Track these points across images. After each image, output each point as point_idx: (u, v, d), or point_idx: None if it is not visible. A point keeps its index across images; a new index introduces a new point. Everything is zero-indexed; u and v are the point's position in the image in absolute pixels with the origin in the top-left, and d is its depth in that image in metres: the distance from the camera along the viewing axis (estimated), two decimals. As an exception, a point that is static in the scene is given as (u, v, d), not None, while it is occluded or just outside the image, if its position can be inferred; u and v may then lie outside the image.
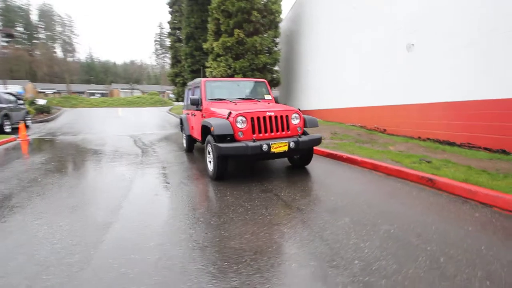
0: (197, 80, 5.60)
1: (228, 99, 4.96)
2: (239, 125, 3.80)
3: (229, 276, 1.76)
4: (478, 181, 3.29)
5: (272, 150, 3.75)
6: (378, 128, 7.45)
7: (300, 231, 2.36)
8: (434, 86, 5.61)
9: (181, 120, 6.87)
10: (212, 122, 3.82)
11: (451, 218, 2.54)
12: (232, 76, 12.93)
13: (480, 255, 1.92)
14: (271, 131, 3.98)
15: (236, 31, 12.08)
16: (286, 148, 3.88)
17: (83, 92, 50.04)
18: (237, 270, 1.82)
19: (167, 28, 21.02)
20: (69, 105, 27.58)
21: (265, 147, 3.68)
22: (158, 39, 66.67)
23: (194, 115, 5.46)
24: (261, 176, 4.24)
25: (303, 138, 4.09)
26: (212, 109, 4.51)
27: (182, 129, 6.99)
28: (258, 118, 3.91)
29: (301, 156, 4.56)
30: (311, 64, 12.33)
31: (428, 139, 5.79)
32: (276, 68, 13.53)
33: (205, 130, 4.33)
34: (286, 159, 5.10)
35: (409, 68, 6.25)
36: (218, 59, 12.92)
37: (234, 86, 5.38)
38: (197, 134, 5.31)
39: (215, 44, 12.67)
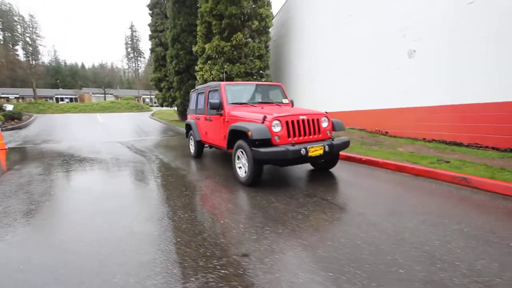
0: (212, 83, 5.43)
1: (249, 103, 4.86)
2: (275, 129, 3.72)
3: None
4: (505, 178, 3.52)
5: (310, 154, 3.71)
6: (379, 130, 7.73)
7: (378, 235, 2.33)
8: (438, 90, 5.95)
9: (188, 125, 6.61)
10: (249, 126, 3.70)
11: (506, 214, 2.67)
12: (226, 79, 12.79)
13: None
14: (304, 134, 3.95)
15: (238, 34, 11.97)
16: (321, 152, 3.87)
17: (50, 97, 46.68)
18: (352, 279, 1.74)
19: (140, 31, 20.21)
20: (36, 110, 25.62)
21: (303, 151, 3.63)
22: (130, 42, 64.23)
23: (210, 120, 5.27)
24: (290, 180, 4.18)
25: (336, 141, 4.11)
26: (239, 113, 4.38)
27: (188, 134, 6.73)
28: (292, 121, 3.86)
29: (327, 159, 4.57)
30: (302, 69, 12.54)
31: (434, 140, 6.11)
32: (266, 72, 13.60)
33: (235, 135, 4.19)
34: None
35: (411, 72, 6.58)
36: (209, 62, 12.72)
37: (253, 90, 5.29)
38: (216, 140, 5.12)
39: (207, 46, 12.45)
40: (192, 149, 6.61)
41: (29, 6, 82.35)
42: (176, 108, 19.92)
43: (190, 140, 6.69)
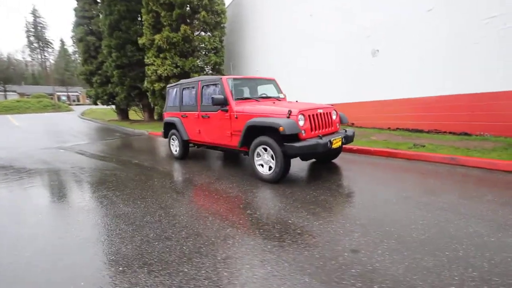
0: (205, 77, 5.00)
1: (252, 98, 4.69)
2: (301, 123, 3.70)
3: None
4: (478, 156, 4.35)
5: (333, 146, 3.83)
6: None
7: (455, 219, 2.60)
8: (401, 84, 6.86)
9: (170, 124, 5.96)
10: (278, 121, 3.58)
11: (494, 180, 3.30)
12: (181, 75, 11.94)
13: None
14: (322, 127, 4.05)
15: (183, 27, 11.21)
16: (340, 143, 4.04)
17: None
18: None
19: (46, 17, 16.85)
20: None
21: (329, 143, 3.73)
22: (33, 30, 53.40)
23: (208, 117, 4.87)
24: (304, 173, 4.25)
25: (349, 132, 4.35)
26: (250, 108, 4.17)
27: (169, 134, 6.07)
28: (313, 115, 3.91)
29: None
30: (259, 66, 12.67)
31: (398, 128, 7.03)
32: (222, 68, 13.26)
33: (253, 131, 3.99)
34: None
35: (376, 70, 7.40)
36: (162, 55, 11.67)
37: (250, 84, 5.10)
38: (217, 138, 4.75)
39: (157, 37, 11.36)
40: (174, 149, 6.01)
41: None
42: (114, 107, 17.66)
43: (172, 141, 6.06)
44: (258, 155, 3.97)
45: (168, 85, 6.22)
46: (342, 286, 1.67)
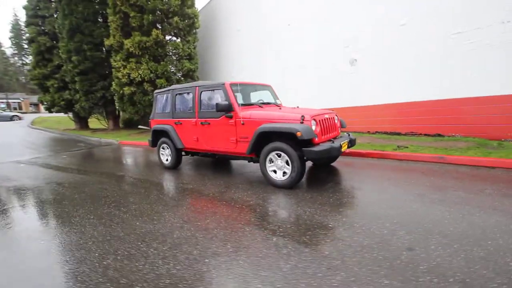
0: (204, 82, 4.82)
1: (255, 104, 4.65)
2: (313, 128, 3.77)
3: None
4: (458, 154, 4.86)
5: (342, 149, 3.97)
6: (327, 127, 8.83)
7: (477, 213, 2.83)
8: (378, 92, 7.40)
9: (161, 132, 5.60)
10: (294, 126, 3.58)
11: (485, 176, 3.72)
12: (154, 80, 11.35)
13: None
14: (329, 132, 4.17)
15: (155, 31, 10.72)
16: (346, 147, 4.20)
17: None
18: None
19: None
20: None
21: (340, 147, 3.85)
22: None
23: (208, 124, 4.68)
24: (312, 178, 4.32)
25: (352, 136, 4.54)
26: (258, 113, 4.12)
27: (159, 143, 5.69)
28: (322, 120, 4.01)
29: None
30: (235, 72, 12.65)
31: (377, 132, 7.55)
32: (196, 74, 12.95)
33: (264, 137, 3.93)
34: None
35: (354, 78, 7.89)
36: (132, 59, 10.99)
37: (250, 90, 5.05)
38: (219, 145, 4.57)
39: (127, 42, 10.69)
40: (165, 159, 5.65)
41: None
42: (71, 114, 16.04)
43: (163, 149, 5.68)
44: (271, 161, 3.92)
45: (156, 91, 5.86)
46: (421, 283, 1.71)
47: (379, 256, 2.03)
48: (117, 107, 12.79)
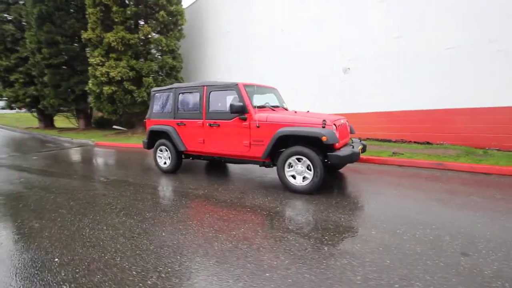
0: (213, 82, 4.58)
1: (266, 107, 4.52)
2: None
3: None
4: (451, 161, 5.18)
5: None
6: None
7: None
8: (371, 100, 7.68)
9: (160, 133, 5.21)
10: (319, 131, 3.52)
11: (486, 181, 3.98)
12: (136, 78, 10.68)
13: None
14: (344, 137, 4.18)
15: (145, 28, 10.14)
16: (361, 151, 4.24)
17: None
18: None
19: None
20: None
21: (359, 153, 3.87)
22: None
23: (218, 126, 4.44)
24: (325, 184, 4.30)
25: (363, 142, 4.59)
26: (276, 116, 4.00)
27: (156, 145, 5.29)
28: (339, 125, 4.00)
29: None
30: (221, 73, 12.42)
31: (368, 138, 7.81)
32: (180, 75, 12.49)
33: (283, 141, 3.81)
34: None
35: (347, 86, 8.11)
36: (112, 55, 10.26)
37: (260, 91, 4.91)
38: (230, 149, 4.34)
39: (110, 35, 9.95)
40: (163, 162, 5.26)
41: None
42: (35, 112, 14.50)
43: (160, 152, 5.29)
44: (290, 166, 3.81)
45: (154, 89, 5.47)
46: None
47: (441, 263, 2.00)
48: (91, 106, 11.82)
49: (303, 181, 3.73)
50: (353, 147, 3.84)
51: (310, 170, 3.64)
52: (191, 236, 2.49)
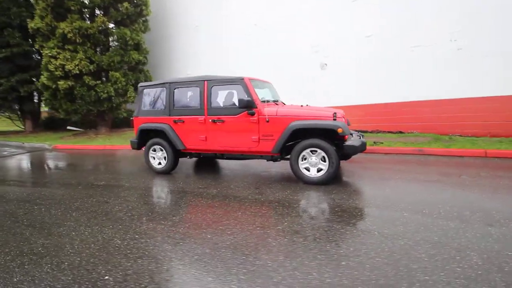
0: (215, 76, 4.38)
1: (271, 101, 4.50)
2: (345, 125, 3.91)
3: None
4: (426, 146, 5.82)
5: (364, 145, 4.24)
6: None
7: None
8: (348, 94, 8.15)
9: (153, 131, 4.84)
10: (333, 123, 3.64)
11: (465, 163, 4.59)
12: (96, 72, 9.66)
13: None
14: (347, 129, 4.40)
15: (100, 17, 9.18)
16: (363, 142, 4.51)
17: None
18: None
19: None
20: None
21: (366, 143, 4.11)
22: None
23: (222, 121, 4.28)
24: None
25: (360, 132, 4.87)
26: (285, 111, 4.02)
27: (149, 144, 4.89)
28: (343, 118, 4.19)
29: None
30: (191, 69, 11.94)
31: (346, 130, 8.30)
32: (146, 68, 11.69)
33: (295, 135, 3.84)
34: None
35: (325, 81, 8.47)
36: (68, 46, 9.11)
37: (260, 86, 4.84)
38: (237, 145, 4.23)
39: (64, 25, 8.80)
40: (157, 162, 4.90)
41: None
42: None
43: (153, 152, 4.91)
44: (304, 158, 3.87)
45: (142, 84, 5.04)
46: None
47: (477, 234, 2.25)
48: (43, 105, 10.38)
49: (317, 173, 3.83)
50: (360, 137, 4.07)
51: (325, 161, 3.75)
52: (240, 236, 2.39)
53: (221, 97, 4.42)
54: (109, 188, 4.14)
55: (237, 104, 4.12)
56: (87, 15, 9.81)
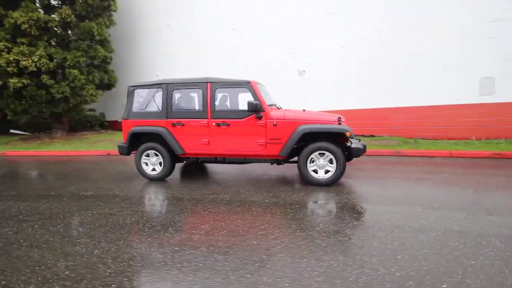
0: (220, 79, 4.25)
1: (273, 105, 4.56)
2: (347, 129, 4.15)
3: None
4: (397, 149, 6.48)
5: (361, 148, 4.55)
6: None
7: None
8: (323, 100, 8.61)
9: (148, 135, 4.47)
10: (343, 127, 3.85)
11: (437, 162, 5.24)
12: (54, 71, 8.58)
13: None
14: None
15: (64, 9, 8.22)
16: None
17: None
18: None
19: None
20: None
21: (364, 145, 4.42)
22: None
23: (228, 125, 4.18)
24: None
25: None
26: (292, 115, 4.11)
27: (142, 149, 4.51)
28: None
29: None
30: (160, 70, 11.39)
31: (323, 134, 8.76)
32: (110, 68, 10.80)
33: (307, 137, 3.93)
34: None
35: (303, 87, 8.83)
36: (23, 40, 7.95)
37: (262, 89, 4.85)
38: (243, 148, 4.18)
39: (16, 14, 7.66)
40: (151, 169, 4.55)
41: None
42: None
43: (147, 158, 4.54)
44: (312, 161, 4.00)
45: (133, 84, 4.66)
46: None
47: (485, 222, 2.62)
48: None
49: (325, 174, 3.99)
50: (358, 141, 4.35)
51: (332, 163, 3.94)
52: (286, 239, 2.37)
53: (226, 100, 4.33)
54: (103, 198, 3.72)
55: (244, 107, 4.12)
56: (40, 6, 8.64)
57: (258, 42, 9.27)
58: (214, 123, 4.26)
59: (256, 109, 4.00)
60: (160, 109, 4.47)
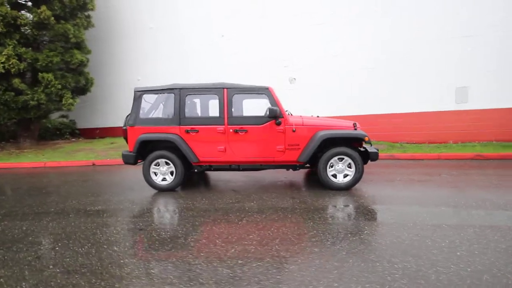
0: (237, 85, 4.15)
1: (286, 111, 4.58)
2: (362, 134, 4.31)
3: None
4: (391, 152, 6.90)
5: (370, 152, 4.75)
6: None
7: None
8: (313, 106, 8.85)
9: (160, 143, 4.20)
10: (360, 133, 3.99)
11: (432, 164, 5.66)
12: (24, 73, 7.75)
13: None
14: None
15: (43, 8, 7.51)
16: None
17: None
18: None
19: None
20: None
21: (373, 150, 4.62)
22: None
23: (246, 131, 4.09)
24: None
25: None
26: (310, 121, 4.18)
27: (151, 158, 4.21)
28: (355, 127, 4.63)
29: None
30: (141, 75, 10.89)
31: (314, 139, 8.98)
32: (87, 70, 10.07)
33: (327, 142, 3.99)
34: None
35: (293, 93, 9.01)
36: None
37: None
38: (261, 155, 4.12)
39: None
40: (160, 179, 4.27)
41: None
42: None
43: (156, 167, 4.25)
44: (331, 166, 4.07)
45: (139, 88, 4.36)
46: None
47: (504, 218, 2.88)
48: None
49: (344, 178, 4.09)
50: (371, 145, 4.54)
51: (350, 167, 4.05)
52: (343, 244, 2.37)
53: (243, 106, 4.26)
54: (118, 212, 3.42)
55: (260, 113, 4.10)
56: (7, 1, 7.77)
57: (247, 49, 9.30)
58: (231, 130, 4.16)
59: (276, 115, 3.99)
60: (172, 115, 4.24)
